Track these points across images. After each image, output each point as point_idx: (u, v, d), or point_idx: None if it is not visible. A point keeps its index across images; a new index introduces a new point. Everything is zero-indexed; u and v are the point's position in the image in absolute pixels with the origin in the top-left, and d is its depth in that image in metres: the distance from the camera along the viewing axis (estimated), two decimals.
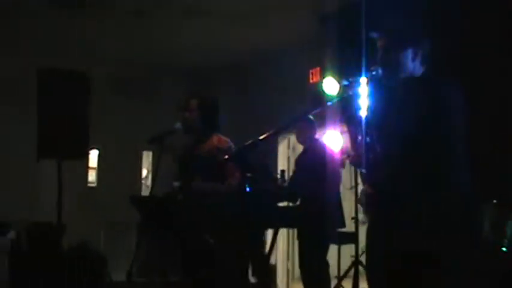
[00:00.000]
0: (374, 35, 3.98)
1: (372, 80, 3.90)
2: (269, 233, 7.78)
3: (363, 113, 4.19)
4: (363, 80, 3.87)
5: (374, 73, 3.87)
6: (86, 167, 11.64)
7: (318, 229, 6.89)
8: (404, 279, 3.71)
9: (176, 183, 5.68)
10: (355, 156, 4.16)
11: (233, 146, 5.67)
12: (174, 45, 10.71)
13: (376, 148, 3.93)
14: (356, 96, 3.91)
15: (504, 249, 5.55)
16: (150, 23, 9.64)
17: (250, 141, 3.53)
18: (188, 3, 8.99)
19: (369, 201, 3.99)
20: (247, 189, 3.77)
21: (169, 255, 6.03)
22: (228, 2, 9.01)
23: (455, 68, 5.74)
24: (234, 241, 5.36)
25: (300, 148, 8.26)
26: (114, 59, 11.20)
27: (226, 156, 5.29)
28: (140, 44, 10.63)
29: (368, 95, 4.06)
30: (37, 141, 6.25)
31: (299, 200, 7.19)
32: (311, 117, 7.27)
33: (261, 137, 3.55)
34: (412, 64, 3.88)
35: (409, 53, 3.87)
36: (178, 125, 5.75)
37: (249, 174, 4.42)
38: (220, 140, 5.78)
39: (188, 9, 9.14)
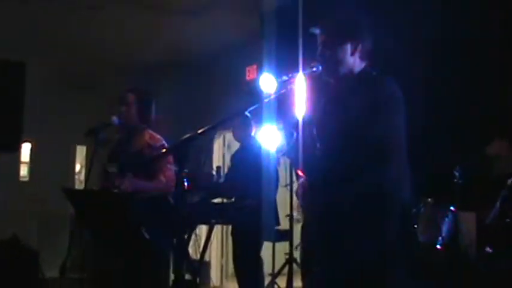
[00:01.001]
0: (315, 30, 3.98)
1: (311, 77, 3.90)
2: (203, 229, 7.77)
3: (301, 110, 4.16)
4: (300, 76, 3.84)
5: (314, 69, 3.86)
6: (18, 161, 11.42)
7: (252, 226, 6.87)
8: (340, 278, 3.71)
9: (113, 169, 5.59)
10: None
11: (165, 144, 5.58)
12: (115, 40, 10.58)
13: (315, 145, 3.94)
14: (293, 92, 3.89)
15: (438, 246, 5.64)
16: (94, 16, 9.49)
17: (188, 135, 3.48)
18: None
19: (305, 196, 3.97)
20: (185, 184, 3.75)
21: (104, 250, 5.93)
22: None
23: (394, 66, 5.79)
24: (169, 237, 5.30)
25: (234, 146, 8.22)
26: (54, 51, 10.99)
27: (164, 150, 5.24)
28: (83, 37, 10.44)
29: (306, 92, 4.03)
30: None
31: (234, 196, 7.16)
32: (248, 114, 7.15)
33: (200, 131, 3.50)
34: (352, 59, 3.88)
35: (348, 47, 3.87)
36: (114, 119, 5.63)
37: (186, 170, 4.38)
38: (152, 136, 5.69)
39: (132, 4, 9.04)
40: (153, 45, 10.69)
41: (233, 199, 7.16)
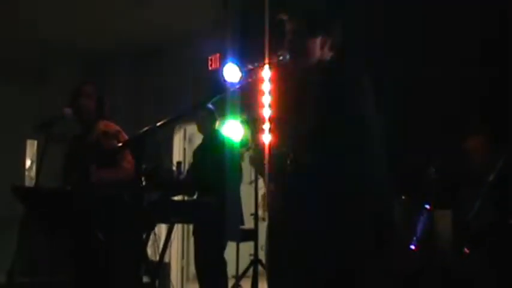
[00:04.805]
0: (283, 17, 3.86)
1: (278, 66, 3.81)
2: (163, 228, 7.60)
3: (266, 101, 4.04)
4: (266, 66, 3.74)
5: (281, 58, 3.74)
6: None
7: (215, 225, 6.69)
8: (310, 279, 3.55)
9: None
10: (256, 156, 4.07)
11: (120, 130, 5.51)
12: (67, 27, 10.28)
13: (282, 142, 3.84)
14: (258, 83, 3.77)
15: (412, 247, 5.56)
16: (42, 1, 9.19)
17: (147, 128, 3.29)
18: None
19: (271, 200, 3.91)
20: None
21: (56, 252, 5.68)
22: None
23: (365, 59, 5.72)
24: (127, 237, 5.05)
25: (196, 140, 8.08)
26: None
27: (120, 144, 5.07)
28: (29, 24, 10.11)
29: (272, 82, 3.91)
30: None
31: (196, 194, 7.04)
32: (211, 106, 7.13)
33: (159, 123, 3.32)
34: (321, 52, 3.79)
35: (318, 40, 3.78)
36: (67, 110, 5.43)
37: (144, 166, 4.15)
38: (107, 124, 5.59)
39: None
40: (108, 35, 10.49)
41: (195, 196, 7.03)
